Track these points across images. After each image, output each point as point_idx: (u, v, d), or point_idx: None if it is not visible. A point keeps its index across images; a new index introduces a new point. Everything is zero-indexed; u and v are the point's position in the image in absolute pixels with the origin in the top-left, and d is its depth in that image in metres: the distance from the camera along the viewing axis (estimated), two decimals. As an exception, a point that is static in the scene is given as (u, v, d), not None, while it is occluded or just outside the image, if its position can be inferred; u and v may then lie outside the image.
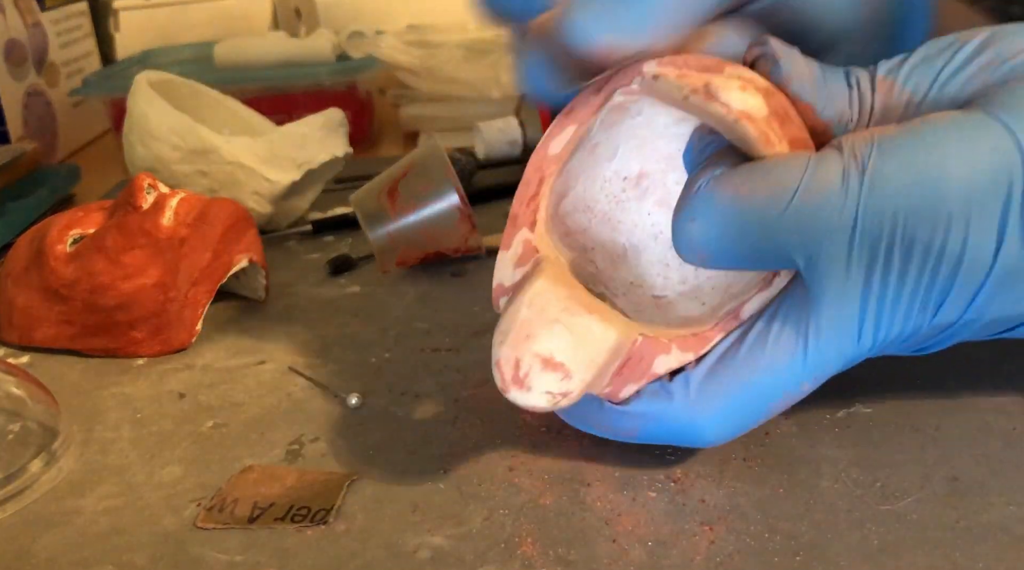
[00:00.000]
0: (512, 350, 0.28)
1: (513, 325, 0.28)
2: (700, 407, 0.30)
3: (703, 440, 0.30)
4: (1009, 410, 0.34)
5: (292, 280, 0.51)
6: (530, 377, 0.28)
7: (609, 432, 0.32)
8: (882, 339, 0.29)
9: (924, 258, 0.28)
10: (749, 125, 0.28)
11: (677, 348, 0.30)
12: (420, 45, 0.79)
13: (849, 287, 0.28)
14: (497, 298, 0.31)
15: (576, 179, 0.34)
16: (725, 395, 0.30)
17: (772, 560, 0.28)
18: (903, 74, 0.29)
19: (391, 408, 0.38)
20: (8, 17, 0.75)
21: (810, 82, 0.29)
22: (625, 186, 0.35)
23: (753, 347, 0.30)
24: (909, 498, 0.30)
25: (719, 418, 0.30)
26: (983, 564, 0.27)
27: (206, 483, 0.33)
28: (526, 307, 0.28)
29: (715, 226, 0.28)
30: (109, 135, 0.86)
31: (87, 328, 0.43)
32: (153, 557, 0.30)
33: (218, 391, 0.40)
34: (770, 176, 0.28)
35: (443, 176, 0.48)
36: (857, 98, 0.30)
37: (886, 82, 0.29)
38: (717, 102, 0.28)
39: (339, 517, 0.31)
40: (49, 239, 0.44)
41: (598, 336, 0.28)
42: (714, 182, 0.28)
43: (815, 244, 0.28)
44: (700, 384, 0.30)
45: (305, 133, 0.56)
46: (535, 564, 0.28)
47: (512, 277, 0.31)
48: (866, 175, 0.27)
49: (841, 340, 0.29)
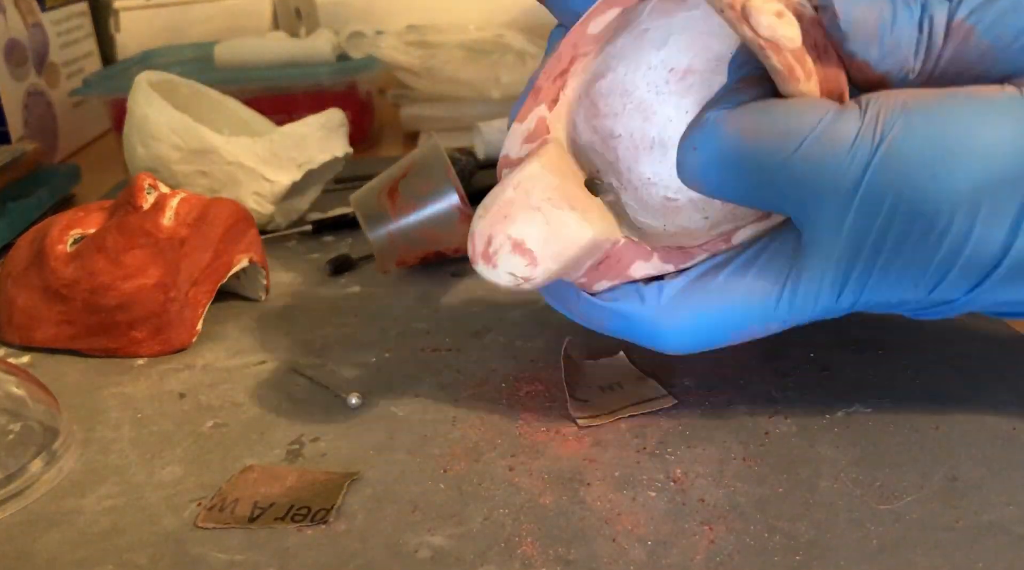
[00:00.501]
0: (488, 226, 0.28)
1: (496, 202, 0.29)
2: (668, 316, 0.30)
3: (664, 347, 0.31)
4: (1008, 410, 0.35)
5: (292, 280, 0.51)
6: (498, 256, 0.28)
7: (580, 319, 0.32)
8: (864, 303, 0.29)
9: (922, 239, 0.27)
10: (774, 56, 0.27)
11: (658, 258, 0.30)
12: (420, 45, 0.79)
13: (839, 248, 0.28)
14: (500, 169, 0.32)
15: (618, 62, 0.33)
16: (694, 312, 0.30)
17: (772, 559, 0.28)
18: (987, 20, 0.26)
19: (391, 408, 0.38)
20: (9, 17, 0.75)
21: (872, 35, 0.27)
22: (669, 78, 0.34)
23: (733, 275, 0.30)
24: (908, 498, 0.30)
25: (683, 332, 0.30)
26: (982, 564, 0.27)
27: (206, 483, 0.33)
28: (512, 188, 0.29)
29: (714, 161, 0.28)
30: (109, 135, 0.86)
31: (87, 328, 0.43)
32: (153, 557, 0.30)
33: (218, 391, 0.40)
34: (779, 123, 0.27)
35: (443, 176, 0.48)
36: (925, 46, 0.27)
37: (963, 27, 0.27)
38: (747, 24, 0.27)
39: (339, 517, 0.31)
40: (50, 239, 0.44)
41: (573, 232, 0.29)
42: (723, 117, 0.28)
43: (811, 200, 0.27)
44: (674, 295, 0.30)
45: (305, 133, 0.56)
46: (535, 563, 0.28)
47: (519, 151, 0.31)
48: (881, 146, 0.26)
49: (820, 294, 0.29)
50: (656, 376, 0.38)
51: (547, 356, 0.41)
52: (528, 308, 0.46)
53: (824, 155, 0.27)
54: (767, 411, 0.35)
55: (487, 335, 0.43)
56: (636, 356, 0.40)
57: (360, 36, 0.81)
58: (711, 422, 0.35)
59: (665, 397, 0.36)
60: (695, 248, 0.31)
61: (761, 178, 0.28)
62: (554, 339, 0.42)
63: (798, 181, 0.27)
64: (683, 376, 0.38)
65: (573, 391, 0.37)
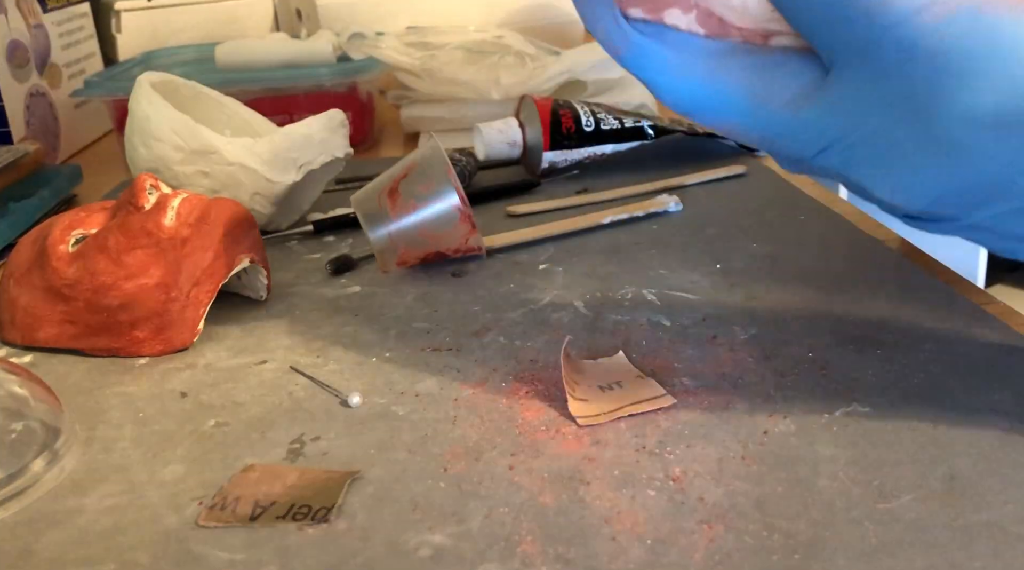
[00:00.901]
0: None
1: None
2: (680, 71, 0.30)
3: (661, 95, 0.31)
4: (1006, 409, 0.35)
5: (293, 280, 0.51)
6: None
7: (601, 36, 0.32)
8: (838, 168, 0.29)
9: (931, 121, 0.26)
10: None
11: (697, 16, 0.31)
12: (420, 46, 0.79)
13: (853, 102, 0.28)
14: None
15: None
16: (705, 78, 0.30)
17: (770, 558, 0.28)
18: None
19: (391, 407, 0.38)
20: (10, 18, 0.75)
21: None
22: None
23: (753, 66, 0.30)
24: (906, 497, 0.30)
25: (681, 89, 0.30)
26: (980, 563, 0.27)
27: (208, 482, 0.34)
28: None
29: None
30: (111, 136, 0.86)
31: (89, 328, 0.43)
32: (155, 555, 0.30)
33: (220, 390, 0.40)
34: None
35: (443, 176, 0.48)
36: None
37: None
38: None
39: (340, 515, 0.31)
40: (51, 239, 0.44)
41: None
42: None
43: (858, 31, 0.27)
44: (695, 54, 0.30)
45: (306, 134, 0.56)
46: (535, 562, 0.28)
47: None
48: (938, 26, 0.25)
49: (812, 133, 0.29)
50: (656, 376, 0.38)
51: (547, 356, 0.41)
52: (528, 308, 0.46)
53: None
54: (766, 410, 0.35)
55: (487, 335, 0.43)
56: (636, 356, 0.40)
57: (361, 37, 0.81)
58: (710, 421, 0.35)
59: (664, 396, 0.37)
60: (733, 28, 0.31)
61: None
62: (554, 339, 0.42)
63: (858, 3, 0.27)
64: (683, 376, 0.38)
65: (573, 390, 0.37)
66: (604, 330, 0.43)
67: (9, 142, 0.72)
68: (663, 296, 0.46)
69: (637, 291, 0.47)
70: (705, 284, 0.47)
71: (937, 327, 0.40)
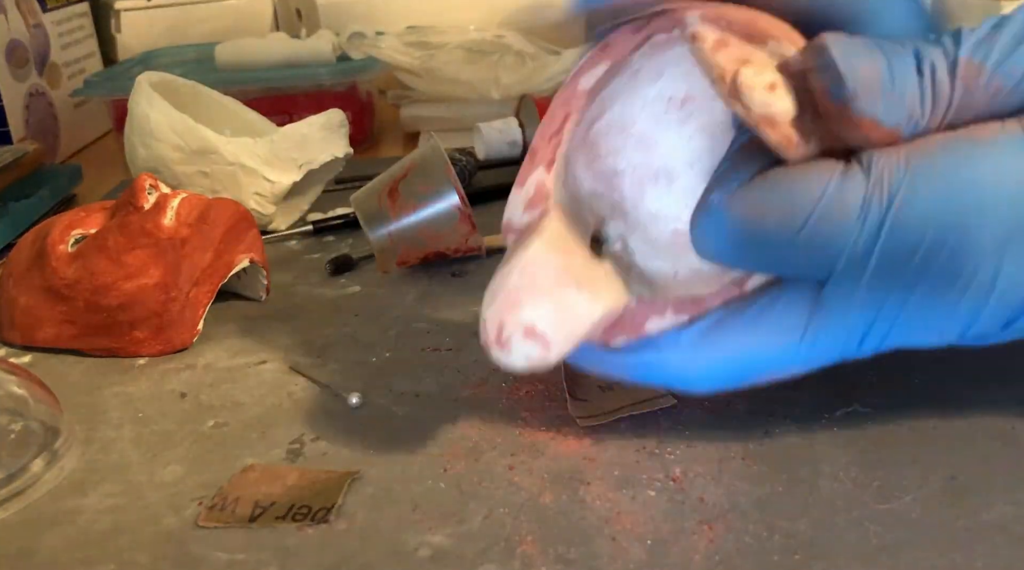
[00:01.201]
0: (498, 314, 0.28)
1: (503, 289, 0.29)
2: (691, 361, 0.30)
3: (689, 388, 0.31)
4: (1008, 410, 0.35)
5: (293, 280, 0.51)
6: (511, 342, 0.28)
7: (601, 371, 0.32)
8: (889, 346, 0.29)
9: (947, 289, 0.26)
10: (770, 131, 0.26)
11: (672, 311, 0.30)
12: (420, 46, 0.79)
13: (860, 304, 0.27)
14: (504, 233, 0.32)
15: (613, 102, 0.33)
16: (715, 357, 0.29)
17: (771, 559, 0.28)
18: (994, 57, 0.25)
19: (391, 408, 0.38)
20: (10, 18, 0.75)
21: (875, 91, 0.26)
22: (669, 107, 0.33)
23: (753, 321, 0.29)
24: (907, 497, 0.30)
25: (706, 375, 0.30)
26: (981, 563, 0.27)
27: (207, 482, 0.34)
28: (518, 273, 0.29)
29: (724, 243, 0.28)
30: (110, 136, 0.86)
31: (89, 328, 0.43)
32: (155, 556, 0.30)
33: (219, 391, 0.40)
34: (783, 198, 0.26)
35: (443, 176, 0.48)
36: (931, 92, 0.26)
37: (972, 65, 0.25)
38: (739, 102, 0.26)
39: (340, 516, 0.31)
40: (51, 239, 0.44)
41: (583, 312, 0.29)
42: (726, 200, 0.27)
43: (826, 266, 0.27)
44: (692, 341, 0.30)
45: (306, 134, 0.56)
46: (535, 562, 0.28)
47: (521, 218, 0.31)
48: (892, 208, 0.26)
49: (842, 341, 0.29)
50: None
51: (547, 356, 0.41)
52: (528, 308, 0.46)
53: (833, 226, 0.26)
54: (767, 410, 0.35)
55: (487, 335, 0.43)
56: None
57: (360, 37, 0.81)
58: (711, 421, 0.35)
59: (665, 396, 0.36)
60: (708, 297, 0.30)
61: (776, 254, 0.27)
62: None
63: (812, 252, 0.27)
64: (683, 376, 0.38)
65: (573, 391, 0.37)
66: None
67: (8, 142, 0.72)
68: (663, 296, 0.46)
69: (637, 291, 0.47)
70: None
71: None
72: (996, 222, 0.25)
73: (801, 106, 0.27)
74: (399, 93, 0.81)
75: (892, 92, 0.26)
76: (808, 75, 0.26)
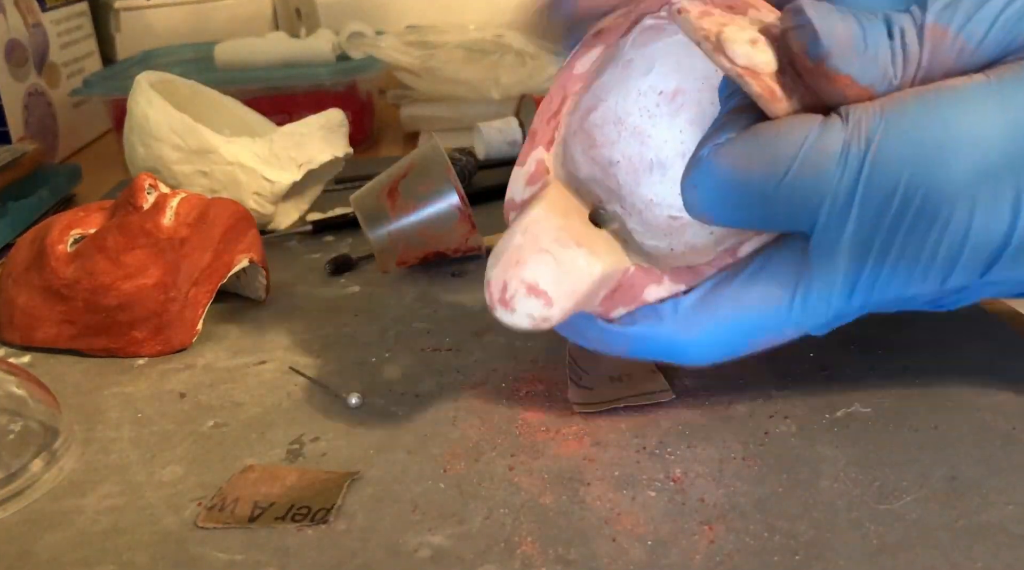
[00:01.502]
0: (502, 273, 0.29)
1: (506, 249, 0.29)
2: (686, 330, 0.31)
3: (686, 359, 0.31)
4: (1007, 410, 0.35)
5: (292, 280, 0.51)
6: (515, 300, 0.29)
7: (600, 345, 0.32)
8: (877, 301, 0.29)
9: (926, 234, 0.28)
10: (752, 81, 0.28)
11: (669, 279, 0.31)
12: (420, 45, 0.79)
13: (844, 252, 0.29)
14: (507, 212, 0.33)
15: (608, 93, 0.34)
16: (710, 323, 0.30)
17: (771, 559, 0.28)
18: (957, 19, 0.27)
19: (391, 408, 0.38)
20: (9, 17, 0.75)
21: (849, 49, 0.27)
22: (660, 101, 0.35)
23: (744, 285, 0.30)
24: (908, 497, 0.30)
25: (702, 343, 0.31)
26: (981, 563, 0.27)
27: (207, 482, 0.34)
28: (520, 233, 0.30)
29: (715, 196, 0.29)
30: (110, 135, 0.86)
31: (88, 328, 0.43)
32: (154, 556, 0.30)
33: (219, 391, 0.40)
34: (767, 148, 0.28)
35: (443, 176, 0.48)
36: (901, 53, 0.28)
37: (937, 29, 0.27)
38: (723, 55, 0.28)
39: (339, 516, 0.31)
40: (50, 239, 0.44)
41: (583, 268, 0.30)
42: (715, 152, 0.29)
43: (811, 215, 0.28)
44: (689, 310, 0.31)
45: (305, 133, 0.56)
46: (535, 563, 0.28)
47: (522, 194, 0.33)
48: (868, 153, 0.27)
49: (831, 297, 0.29)
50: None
51: (547, 356, 0.41)
52: (528, 308, 0.46)
53: (815, 172, 0.27)
54: (767, 411, 0.35)
55: (487, 335, 0.43)
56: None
57: (360, 36, 0.81)
58: (711, 422, 0.35)
59: (665, 391, 0.36)
60: (704, 266, 0.31)
61: (763, 204, 0.28)
62: (554, 339, 0.42)
63: (796, 200, 0.28)
64: (683, 376, 0.38)
65: (579, 378, 0.37)
66: (604, 330, 0.43)
67: (8, 142, 0.72)
68: (663, 296, 0.46)
69: (637, 291, 0.47)
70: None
71: (937, 327, 0.40)
72: (966, 163, 0.27)
73: (781, 66, 0.28)
74: (399, 93, 0.81)
75: (865, 52, 0.27)
76: (787, 36, 0.28)
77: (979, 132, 0.27)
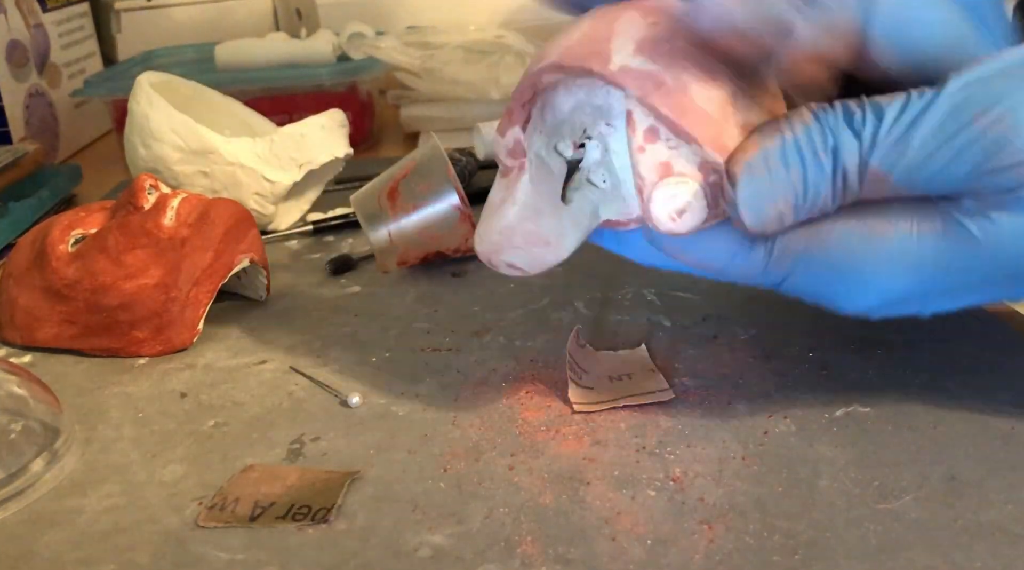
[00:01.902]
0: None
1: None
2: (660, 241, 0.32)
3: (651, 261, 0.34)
4: (1007, 410, 0.35)
5: (293, 280, 0.51)
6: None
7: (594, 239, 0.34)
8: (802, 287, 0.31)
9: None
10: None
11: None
12: (420, 46, 0.79)
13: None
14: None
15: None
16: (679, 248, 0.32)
17: (771, 558, 0.28)
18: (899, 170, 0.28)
19: (391, 408, 0.38)
20: (10, 18, 0.75)
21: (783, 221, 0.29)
22: None
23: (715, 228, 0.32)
24: (907, 497, 0.30)
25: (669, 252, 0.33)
26: (981, 563, 0.27)
27: (207, 482, 0.34)
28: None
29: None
30: (110, 136, 0.86)
31: (89, 328, 0.43)
32: (155, 556, 0.30)
33: (219, 390, 0.40)
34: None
35: (443, 176, 0.48)
36: (842, 190, 0.29)
37: (879, 174, 0.28)
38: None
39: (340, 516, 0.31)
40: (51, 239, 0.44)
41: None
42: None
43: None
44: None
45: (306, 134, 0.56)
46: (535, 562, 0.28)
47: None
48: (786, 282, 0.31)
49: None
50: (656, 376, 0.38)
51: (547, 356, 0.41)
52: (528, 308, 0.46)
53: (743, 278, 0.31)
54: (766, 410, 0.35)
55: (487, 335, 0.43)
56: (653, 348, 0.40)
57: (360, 37, 0.81)
58: (710, 421, 0.35)
59: (664, 391, 0.37)
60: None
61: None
62: (554, 339, 0.42)
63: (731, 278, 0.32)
64: (683, 376, 0.38)
65: (579, 378, 0.37)
66: (605, 330, 0.43)
67: (8, 142, 0.72)
68: (664, 296, 0.46)
69: (637, 291, 0.47)
70: (705, 284, 0.47)
71: (937, 327, 0.40)
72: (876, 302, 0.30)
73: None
74: (399, 93, 0.81)
75: (803, 206, 0.29)
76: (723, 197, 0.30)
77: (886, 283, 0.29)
